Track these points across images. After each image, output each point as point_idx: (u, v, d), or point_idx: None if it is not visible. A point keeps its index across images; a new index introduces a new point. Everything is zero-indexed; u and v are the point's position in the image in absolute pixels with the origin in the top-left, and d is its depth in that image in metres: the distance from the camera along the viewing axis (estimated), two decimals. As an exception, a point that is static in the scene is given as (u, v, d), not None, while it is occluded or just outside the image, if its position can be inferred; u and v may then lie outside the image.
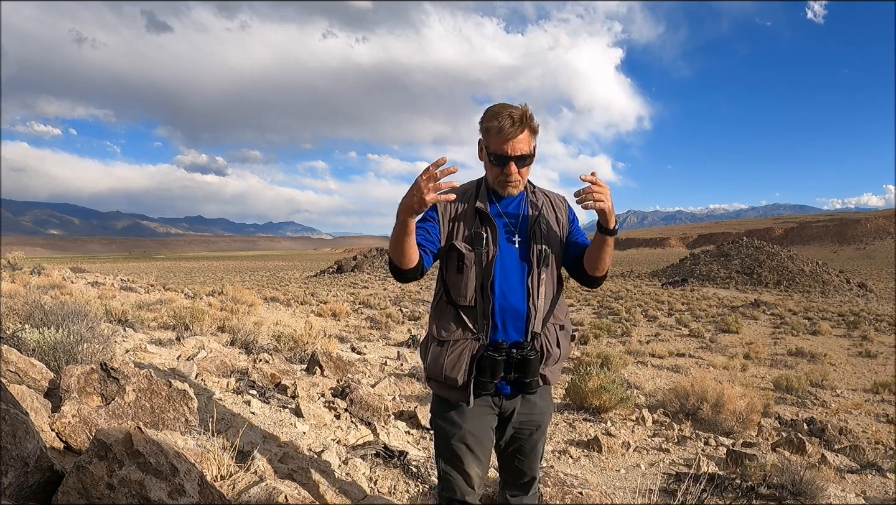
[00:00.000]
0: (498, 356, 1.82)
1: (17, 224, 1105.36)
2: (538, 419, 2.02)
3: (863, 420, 8.83)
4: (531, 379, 1.87)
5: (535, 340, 1.91)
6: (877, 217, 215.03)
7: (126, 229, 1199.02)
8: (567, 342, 2.02)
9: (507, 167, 1.86)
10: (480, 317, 1.88)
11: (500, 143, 1.83)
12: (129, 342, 5.39)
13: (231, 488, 2.14)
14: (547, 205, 2.02)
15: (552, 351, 1.94)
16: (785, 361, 14.64)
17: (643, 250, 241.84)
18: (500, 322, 1.89)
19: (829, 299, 38.83)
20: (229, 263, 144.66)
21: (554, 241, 1.97)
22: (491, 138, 1.86)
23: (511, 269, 1.91)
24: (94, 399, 2.58)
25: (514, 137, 1.82)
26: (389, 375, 6.36)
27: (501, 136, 1.82)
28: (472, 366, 1.86)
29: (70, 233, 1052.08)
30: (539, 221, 1.95)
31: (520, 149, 1.84)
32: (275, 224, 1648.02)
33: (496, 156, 1.86)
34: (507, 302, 1.89)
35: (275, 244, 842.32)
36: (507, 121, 1.81)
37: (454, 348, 1.88)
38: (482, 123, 1.89)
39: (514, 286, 1.90)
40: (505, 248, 1.91)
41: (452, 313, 1.91)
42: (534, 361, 1.85)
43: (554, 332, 1.97)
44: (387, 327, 16.25)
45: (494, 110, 1.85)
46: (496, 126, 1.83)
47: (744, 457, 4.24)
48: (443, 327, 1.93)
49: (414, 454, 3.64)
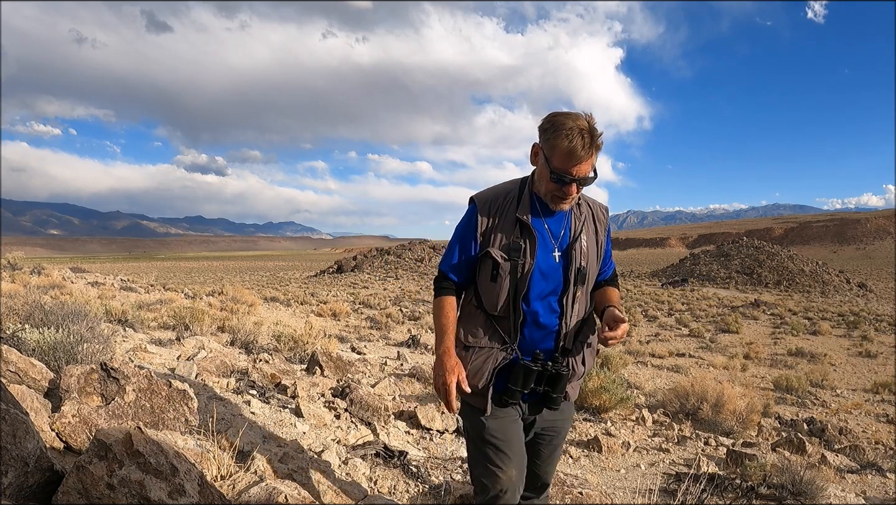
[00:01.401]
0: (534, 366, 1.79)
1: (17, 224, 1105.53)
2: (559, 425, 2.02)
3: (863, 420, 8.83)
4: (557, 395, 1.85)
5: (566, 356, 1.89)
6: (877, 217, 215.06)
7: (126, 229, 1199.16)
8: (592, 360, 2.00)
9: (569, 187, 1.77)
10: (512, 328, 1.84)
11: (567, 164, 1.73)
12: (129, 342, 5.40)
13: (231, 488, 2.14)
14: (589, 219, 1.95)
15: (577, 369, 1.92)
16: (785, 361, 14.64)
17: (643, 250, 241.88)
18: (528, 335, 1.86)
19: (829, 299, 38.83)
20: (229, 262, 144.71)
21: (592, 258, 1.92)
22: (557, 155, 1.74)
23: (546, 284, 1.86)
24: (94, 399, 2.58)
25: (584, 161, 1.73)
26: (389, 375, 6.36)
27: (571, 158, 1.72)
28: (493, 374, 1.84)
29: (70, 233, 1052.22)
30: (581, 238, 1.89)
31: (585, 171, 1.75)
32: (275, 224, 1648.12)
33: (559, 175, 1.75)
34: (539, 317, 1.85)
35: (275, 244, 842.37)
36: (579, 142, 1.70)
37: (479, 355, 1.86)
38: (547, 135, 1.76)
39: (547, 302, 1.86)
40: (542, 262, 1.85)
41: (482, 320, 1.88)
42: (565, 378, 1.83)
43: (582, 350, 1.93)
44: (387, 327, 16.25)
45: (564, 125, 1.71)
46: (566, 147, 1.71)
47: (744, 457, 4.24)
48: (470, 332, 1.89)
49: (414, 454, 3.64)
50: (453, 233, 1.96)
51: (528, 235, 1.83)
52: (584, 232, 1.90)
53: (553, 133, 1.73)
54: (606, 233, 1.99)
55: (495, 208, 1.88)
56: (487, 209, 1.88)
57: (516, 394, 1.82)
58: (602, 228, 1.97)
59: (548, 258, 1.85)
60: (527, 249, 1.82)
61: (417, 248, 67.04)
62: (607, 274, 2.04)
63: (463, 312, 1.95)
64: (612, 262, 2.06)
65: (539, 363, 1.80)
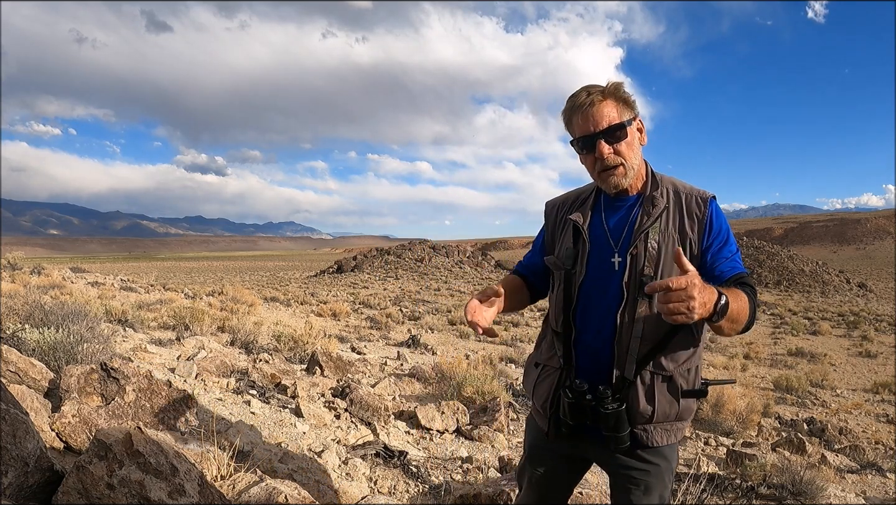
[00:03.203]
0: (569, 397, 1.53)
1: (16, 224, 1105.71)
2: (644, 477, 1.59)
3: (863, 420, 8.83)
4: (610, 435, 1.51)
5: (623, 389, 1.52)
6: (877, 217, 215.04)
7: (126, 229, 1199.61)
8: (671, 398, 1.54)
9: (598, 148, 1.49)
10: (565, 348, 1.60)
11: (580, 122, 1.50)
12: (129, 342, 5.39)
13: (231, 488, 2.14)
14: (671, 208, 1.55)
15: (640, 406, 1.51)
16: (785, 361, 14.63)
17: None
18: (582, 358, 1.59)
19: (829, 299, 38.83)
20: (229, 263, 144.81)
21: (671, 264, 1.49)
22: (572, 124, 1.53)
23: (600, 296, 1.56)
24: (94, 399, 2.58)
25: (595, 107, 1.48)
26: (389, 375, 6.36)
27: (578, 113, 1.50)
28: (551, 395, 1.63)
29: (70, 233, 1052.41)
30: (648, 236, 1.52)
31: (606, 119, 1.48)
32: (275, 224, 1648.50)
33: (581, 139, 1.52)
34: (587, 336, 1.57)
35: (275, 244, 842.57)
36: (581, 93, 1.50)
37: (546, 373, 1.67)
38: (563, 118, 1.57)
39: (599, 318, 1.55)
40: (596, 270, 1.57)
41: (548, 336, 1.71)
42: (611, 416, 1.48)
43: (650, 382, 1.52)
44: (387, 327, 16.24)
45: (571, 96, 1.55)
46: (570, 105, 1.52)
47: (744, 457, 4.24)
48: (539, 348, 1.75)
49: (414, 454, 3.64)
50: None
51: (579, 239, 1.60)
52: (655, 230, 1.52)
53: (564, 115, 1.58)
54: (708, 231, 1.54)
55: (562, 213, 1.70)
56: (554, 214, 1.73)
57: (562, 424, 1.58)
58: (697, 226, 1.54)
59: (603, 264, 1.56)
60: (579, 256, 1.59)
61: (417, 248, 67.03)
62: (722, 279, 1.50)
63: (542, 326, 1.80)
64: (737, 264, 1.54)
65: (576, 395, 1.51)
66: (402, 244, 70.63)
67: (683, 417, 1.59)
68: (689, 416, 1.62)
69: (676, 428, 1.59)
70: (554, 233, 1.72)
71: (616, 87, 1.51)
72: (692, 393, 1.58)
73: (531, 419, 1.80)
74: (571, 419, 1.54)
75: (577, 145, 1.56)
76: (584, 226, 1.60)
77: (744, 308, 1.41)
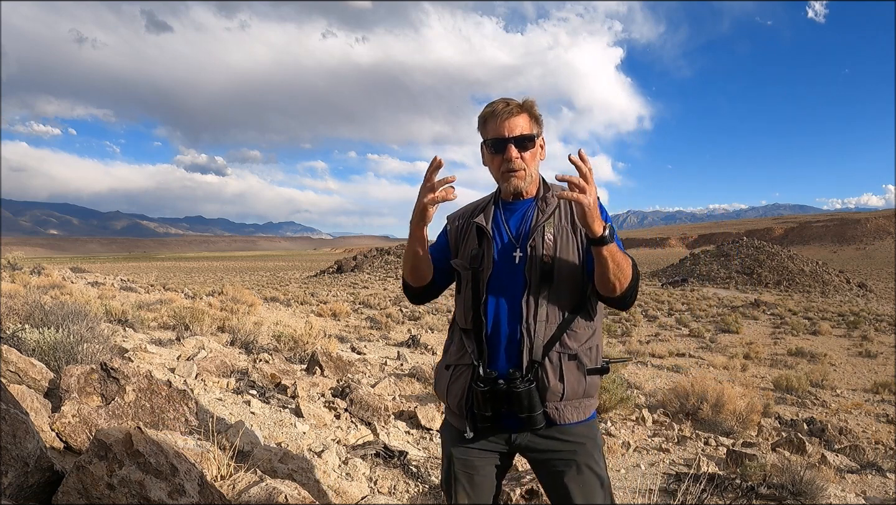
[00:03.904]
0: (482, 386, 1.63)
1: (16, 224, 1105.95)
2: (567, 456, 1.68)
3: (863, 420, 8.83)
4: (526, 415, 1.62)
5: (532, 370, 1.64)
6: (877, 217, 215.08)
7: (126, 229, 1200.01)
8: (578, 375, 1.67)
9: (507, 151, 1.66)
10: (476, 342, 1.70)
11: (495, 127, 1.67)
12: (129, 342, 5.39)
13: (231, 488, 2.14)
14: (563, 207, 1.74)
15: (550, 384, 1.63)
16: (785, 361, 14.63)
17: (643, 250, 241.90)
18: (493, 348, 1.69)
19: (829, 299, 38.83)
20: (229, 263, 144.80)
21: (566, 254, 1.68)
22: (487, 127, 1.70)
23: (506, 288, 1.69)
24: (94, 399, 2.58)
25: (510, 118, 1.65)
26: (389, 375, 6.36)
27: (496, 119, 1.66)
28: (465, 393, 1.70)
29: (70, 233, 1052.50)
30: (544, 230, 1.69)
31: (519, 128, 1.65)
32: (275, 224, 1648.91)
33: (493, 141, 1.68)
34: (499, 326, 1.69)
35: (275, 244, 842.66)
36: (498, 103, 1.67)
37: (458, 372, 1.74)
38: (478, 125, 1.74)
39: (508, 308, 1.68)
40: (500, 265, 1.70)
41: (457, 336, 1.79)
42: (523, 395, 1.60)
43: (558, 362, 1.65)
44: (387, 327, 16.24)
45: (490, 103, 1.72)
46: (489, 111, 1.68)
47: (744, 457, 4.24)
48: (449, 350, 1.82)
49: (414, 454, 3.64)
50: None
51: (484, 239, 1.74)
52: (550, 225, 1.70)
53: (479, 118, 1.73)
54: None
55: (464, 221, 1.83)
56: (456, 224, 1.86)
57: (479, 417, 1.66)
58: None
59: (506, 260, 1.70)
60: (485, 254, 1.72)
61: (417, 248, 66.92)
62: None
63: (448, 331, 1.88)
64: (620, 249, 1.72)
65: (488, 383, 1.62)
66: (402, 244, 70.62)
67: (590, 393, 1.72)
68: (595, 392, 1.75)
69: (585, 405, 1.71)
70: (458, 240, 1.84)
71: (531, 103, 1.70)
72: (597, 371, 1.72)
73: (446, 425, 1.86)
74: (487, 409, 1.64)
75: (488, 146, 1.71)
76: (488, 226, 1.74)
77: (627, 261, 1.60)
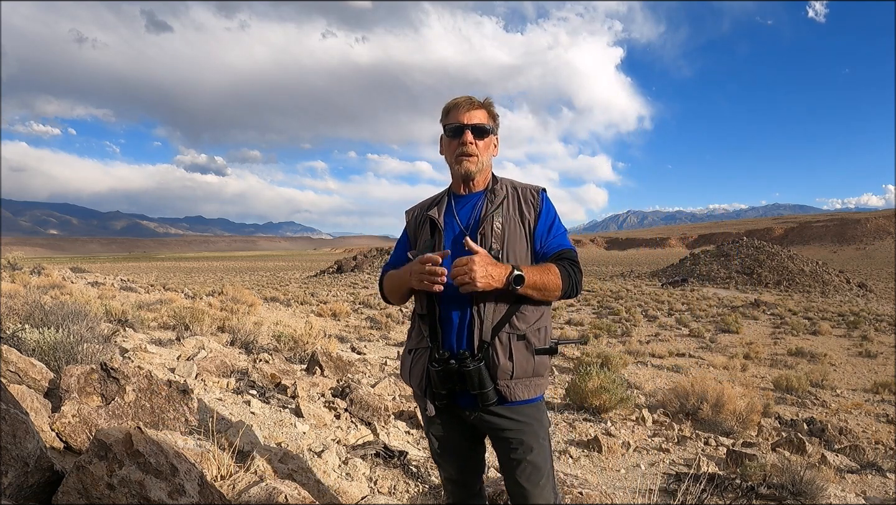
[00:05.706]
0: (436, 367, 1.74)
1: (16, 224, 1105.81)
2: (518, 435, 1.82)
3: (863, 420, 8.82)
4: (476, 392, 1.73)
5: (483, 350, 1.75)
6: (877, 217, 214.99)
7: (125, 229, 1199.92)
8: (527, 354, 1.79)
9: (463, 136, 1.83)
10: (430, 326, 1.83)
11: (456, 115, 1.85)
12: (129, 342, 5.39)
13: (231, 488, 2.14)
14: (511, 201, 1.88)
15: (500, 363, 1.75)
16: (785, 361, 14.62)
17: (643, 250, 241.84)
18: (447, 331, 1.81)
19: (829, 299, 38.81)
20: (229, 262, 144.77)
21: (515, 241, 1.82)
22: (449, 116, 1.88)
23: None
24: (94, 399, 2.58)
25: (471, 110, 1.85)
26: (389, 375, 6.36)
27: (458, 109, 1.85)
28: (424, 375, 1.83)
29: (69, 233, 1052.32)
30: (493, 219, 1.82)
31: (477, 118, 1.85)
32: (275, 224, 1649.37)
33: (451, 127, 1.86)
34: (452, 310, 1.80)
35: (275, 244, 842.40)
36: (463, 98, 1.87)
37: (418, 356, 1.88)
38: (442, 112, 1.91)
39: (458, 293, 1.74)
40: (454, 254, 1.78)
41: (416, 322, 1.92)
42: (473, 373, 1.70)
43: (507, 342, 1.77)
44: (387, 327, 16.24)
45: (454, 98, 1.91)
46: (453, 104, 1.87)
47: (744, 457, 4.24)
48: (411, 336, 1.96)
49: (414, 454, 3.64)
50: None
51: (436, 230, 1.88)
52: (498, 214, 1.83)
53: (443, 109, 1.91)
54: (543, 215, 1.88)
55: (419, 214, 1.98)
56: (413, 217, 2.01)
57: (436, 396, 1.79)
58: (532, 211, 1.87)
59: (457, 248, 1.80)
60: (435, 244, 1.86)
61: (417, 248, 66.88)
62: (549, 253, 1.85)
63: (411, 320, 2.00)
64: (563, 241, 1.88)
65: (441, 363, 1.73)
66: (401, 244, 70.44)
67: (540, 372, 1.83)
68: (545, 371, 1.86)
69: (535, 384, 1.82)
70: (415, 232, 1.98)
71: (490, 102, 1.90)
72: (545, 351, 1.83)
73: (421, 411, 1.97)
74: (442, 388, 1.75)
75: (448, 130, 1.88)
76: (440, 219, 1.88)
77: (552, 280, 1.76)
